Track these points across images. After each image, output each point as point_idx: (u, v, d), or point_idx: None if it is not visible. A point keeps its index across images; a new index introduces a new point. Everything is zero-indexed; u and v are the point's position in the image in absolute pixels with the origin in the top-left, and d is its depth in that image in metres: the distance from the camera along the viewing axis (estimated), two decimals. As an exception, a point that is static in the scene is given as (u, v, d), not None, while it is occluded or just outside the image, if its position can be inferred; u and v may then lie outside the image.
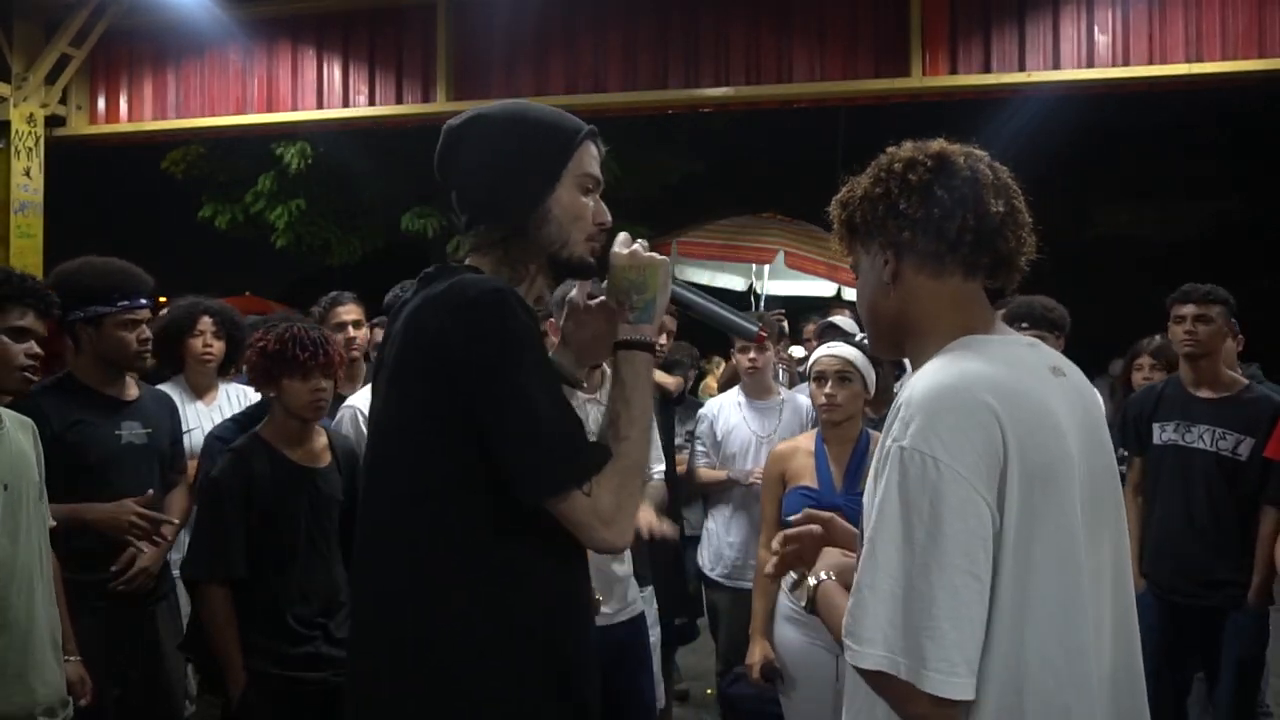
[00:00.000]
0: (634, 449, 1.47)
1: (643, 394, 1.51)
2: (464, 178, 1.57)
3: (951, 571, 1.17)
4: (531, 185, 1.54)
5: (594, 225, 1.59)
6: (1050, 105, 6.58)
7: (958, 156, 1.36)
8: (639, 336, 1.54)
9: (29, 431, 2.34)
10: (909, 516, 1.19)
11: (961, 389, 1.23)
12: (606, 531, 1.42)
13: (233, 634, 2.55)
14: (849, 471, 2.89)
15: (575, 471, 1.40)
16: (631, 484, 1.46)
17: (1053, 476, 1.23)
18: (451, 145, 1.58)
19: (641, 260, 1.55)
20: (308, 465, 2.68)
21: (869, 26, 5.94)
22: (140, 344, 2.86)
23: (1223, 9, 5.41)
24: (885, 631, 1.18)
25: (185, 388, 3.71)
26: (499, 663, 1.43)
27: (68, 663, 2.42)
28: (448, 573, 1.43)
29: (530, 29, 6.35)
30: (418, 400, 1.44)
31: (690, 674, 4.92)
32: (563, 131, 1.57)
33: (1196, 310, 3.41)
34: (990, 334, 1.36)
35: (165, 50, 7.01)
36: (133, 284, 2.87)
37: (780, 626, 2.91)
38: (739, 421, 3.86)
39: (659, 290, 1.55)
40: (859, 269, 1.46)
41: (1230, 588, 3.32)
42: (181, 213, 11.42)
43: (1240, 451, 3.33)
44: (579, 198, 1.57)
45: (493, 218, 1.56)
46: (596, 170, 1.59)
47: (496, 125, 1.56)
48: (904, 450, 1.21)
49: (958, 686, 1.16)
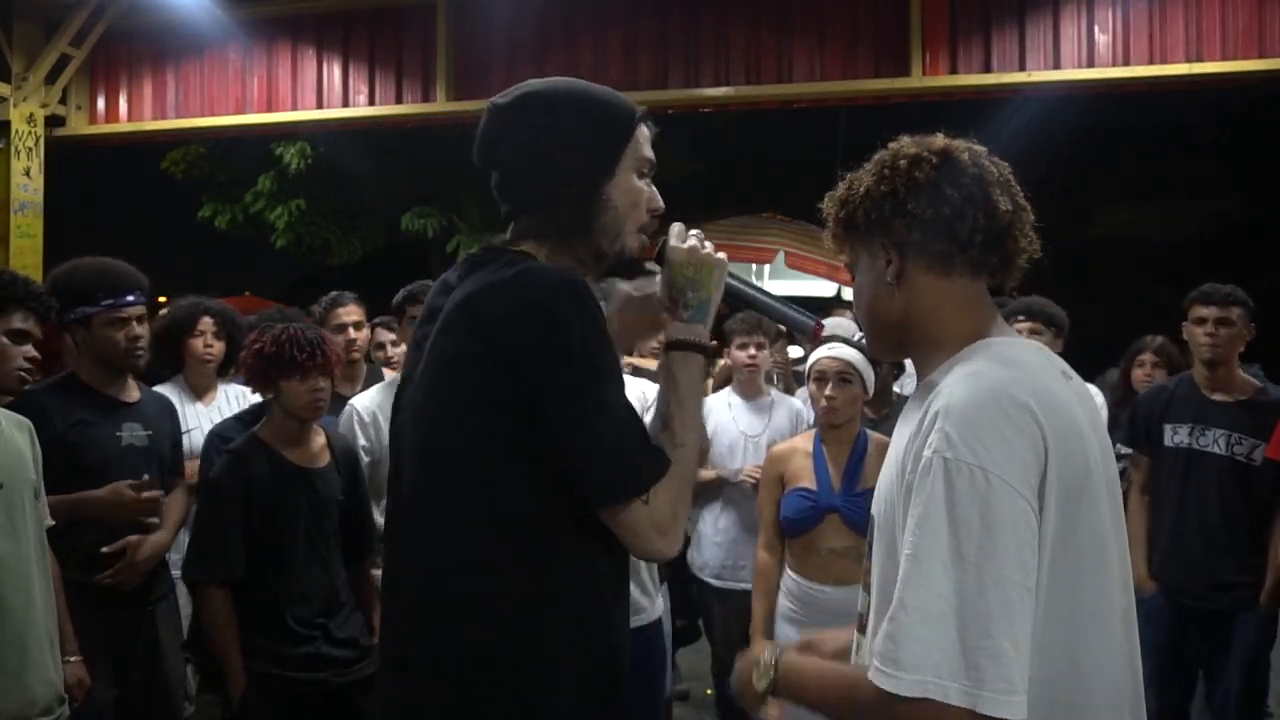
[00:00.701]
0: (690, 455, 1.41)
1: (697, 398, 1.46)
2: (514, 160, 1.46)
3: (1008, 586, 1.11)
4: (594, 169, 1.44)
5: (648, 213, 1.50)
6: (1050, 105, 6.59)
7: (962, 152, 1.32)
8: (693, 338, 1.47)
9: (26, 431, 2.34)
10: (958, 531, 1.12)
11: (1003, 396, 1.19)
12: (660, 541, 1.36)
13: (232, 634, 2.55)
14: (847, 472, 2.89)
15: (640, 481, 1.34)
16: (686, 492, 1.40)
17: (1085, 482, 1.21)
18: (501, 125, 1.47)
19: (699, 257, 1.48)
20: (306, 466, 2.68)
21: (869, 26, 5.94)
22: (129, 341, 2.83)
23: (1223, 9, 5.41)
24: (934, 656, 1.11)
25: (185, 388, 3.70)
26: (561, 657, 1.37)
27: (68, 663, 2.42)
28: (508, 562, 1.36)
29: (530, 29, 6.35)
30: (477, 389, 1.34)
31: (690, 674, 4.92)
32: (623, 111, 1.47)
33: (1219, 313, 3.31)
34: (1001, 335, 1.34)
35: (165, 50, 7.01)
36: (118, 282, 2.85)
37: (780, 626, 2.91)
38: (728, 420, 3.85)
39: (714, 289, 1.49)
40: (856, 268, 1.41)
41: (1241, 590, 3.29)
42: (181, 213, 11.43)
43: (1255, 456, 3.27)
44: (636, 182, 1.48)
45: (547, 204, 1.45)
46: (651, 153, 1.50)
47: (554, 104, 1.46)
48: (948, 461, 1.15)
49: (1015, 705, 1.10)
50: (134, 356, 2.87)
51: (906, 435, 1.31)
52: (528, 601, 1.36)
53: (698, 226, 1.58)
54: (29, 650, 2.19)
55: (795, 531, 2.89)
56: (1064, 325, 3.67)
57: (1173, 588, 3.43)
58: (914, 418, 1.29)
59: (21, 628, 2.18)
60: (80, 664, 2.48)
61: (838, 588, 2.79)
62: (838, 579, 2.81)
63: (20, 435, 2.32)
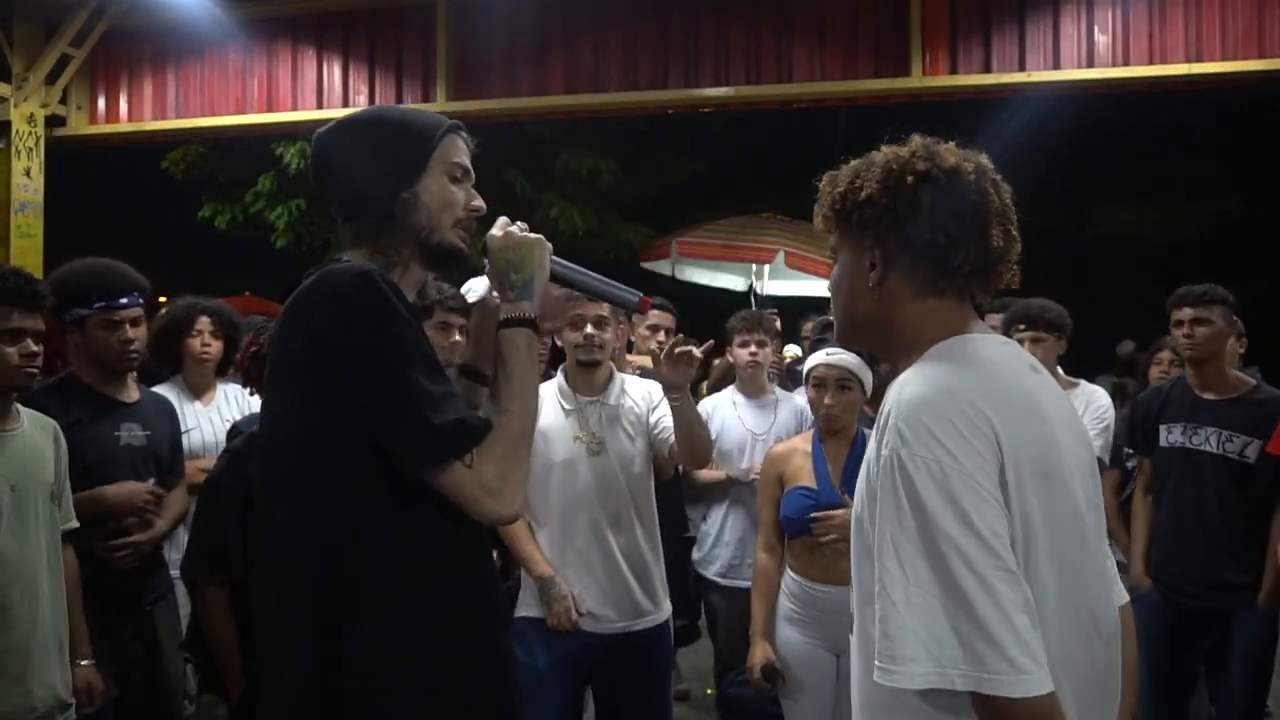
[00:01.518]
0: (515, 421, 1.50)
1: (524, 369, 1.55)
2: (337, 178, 1.62)
3: (984, 570, 1.13)
4: (393, 177, 1.57)
5: (465, 211, 1.63)
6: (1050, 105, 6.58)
7: (969, 175, 1.33)
8: (519, 314, 1.59)
9: (49, 432, 2.33)
10: (927, 524, 1.16)
11: (949, 393, 1.22)
12: (492, 502, 1.44)
13: (232, 635, 2.55)
14: (846, 471, 2.89)
15: (453, 444, 1.42)
16: (516, 455, 1.48)
17: (1050, 469, 1.23)
18: (319, 152, 1.63)
19: (516, 240, 1.61)
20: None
21: (869, 26, 5.94)
22: (122, 344, 2.82)
23: (1223, 9, 5.41)
24: (930, 646, 1.13)
25: (183, 388, 3.70)
26: (414, 644, 1.44)
27: (80, 666, 2.41)
28: (355, 559, 1.43)
29: (530, 29, 6.36)
30: (307, 394, 1.45)
31: (690, 674, 4.92)
32: (424, 125, 1.61)
33: (1194, 313, 3.36)
34: (969, 333, 1.35)
35: (165, 50, 7.01)
36: (112, 284, 2.84)
37: (781, 627, 2.91)
38: (733, 420, 3.86)
39: (537, 268, 1.60)
40: (838, 253, 1.44)
41: (1239, 589, 3.29)
42: (181, 213, 11.41)
43: (1248, 454, 3.29)
44: (448, 186, 1.61)
45: (365, 212, 1.59)
46: (465, 160, 1.64)
47: (363, 126, 1.62)
48: (905, 458, 1.18)
49: (1023, 683, 1.11)
50: (127, 359, 2.86)
51: (873, 435, 1.32)
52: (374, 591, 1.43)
53: (698, 226, 1.62)
54: (33, 655, 2.18)
55: (796, 531, 2.89)
56: (1066, 327, 3.68)
57: (1170, 587, 3.44)
58: (879, 418, 1.31)
59: (28, 631, 2.17)
60: (92, 668, 2.48)
61: (839, 587, 2.79)
62: (839, 579, 2.81)
63: (43, 436, 2.31)
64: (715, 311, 5.01)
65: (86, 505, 2.60)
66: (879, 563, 1.19)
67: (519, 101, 6.46)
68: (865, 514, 1.29)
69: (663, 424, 2.88)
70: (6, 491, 2.19)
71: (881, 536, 1.20)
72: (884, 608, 1.17)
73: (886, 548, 1.18)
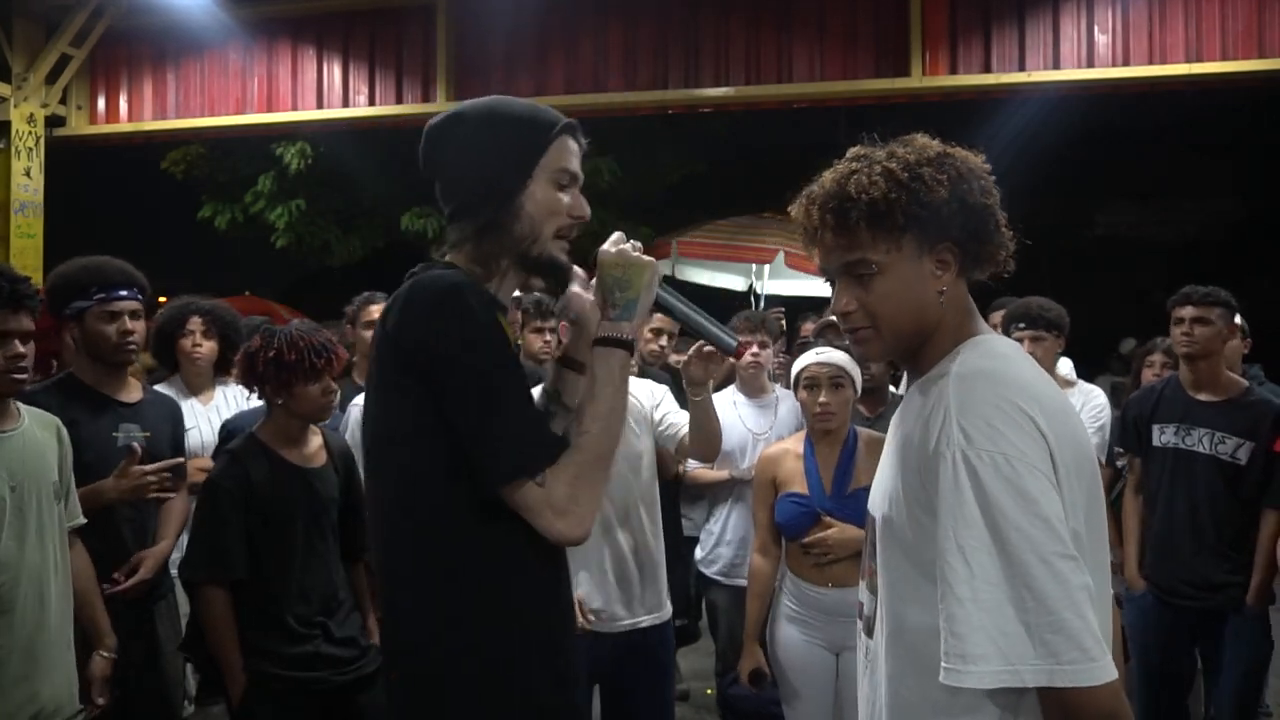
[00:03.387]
0: (594, 443, 1.48)
1: (613, 390, 1.52)
2: (444, 174, 1.59)
3: (1053, 559, 1.13)
4: (504, 180, 1.54)
5: (569, 219, 1.59)
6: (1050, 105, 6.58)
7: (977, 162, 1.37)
8: (617, 334, 1.55)
9: (52, 429, 2.31)
10: (993, 517, 1.15)
11: (1004, 387, 1.23)
12: (560, 522, 1.43)
13: (232, 635, 2.55)
14: (838, 474, 2.90)
15: (527, 462, 1.42)
16: (589, 476, 1.47)
17: (1083, 470, 1.24)
18: (433, 143, 1.60)
19: (628, 259, 1.57)
20: (305, 465, 2.68)
21: (869, 26, 5.94)
22: (120, 336, 2.83)
23: (1223, 9, 5.42)
24: (1000, 642, 1.13)
25: (181, 388, 3.70)
26: (490, 646, 1.46)
27: (102, 657, 2.42)
28: (440, 560, 1.47)
29: (530, 29, 6.36)
30: (392, 394, 1.48)
31: (690, 674, 4.92)
32: (538, 125, 1.57)
33: (1195, 312, 3.38)
34: (982, 331, 1.37)
35: (165, 50, 7.01)
36: (110, 277, 2.85)
37: (781, 626, 2.91)
38: (734, 419, 3.86)
39: (643, 290, 1.56)
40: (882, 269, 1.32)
41: (1231, 590, 3.30)
42: (181, 213, 11.41)
43: (1240, 455, 3.30)
44: (553, 193, 1.57)
45: (468, 214, 1.57)
46: (574, 165, 1.59)
47: (472, 122, 1.58)
48: (971, 454, 1.18)
49: (1095, 670, 1.11)
50: (125, 351, 2.86)
51: (907, 433, 1.31)
52: (456, 594, 1.46)
53: (698, 226, 1.62)
54: (39, 655, 2.16)
55: (790, 536, 2.90)
56: (1064, 326, 3.69)
57: (1163, 587, 3.45)
58: (914, 415, 1.29)
59: (32, 633, 2.15)
60: (109, 662, 2.47)
61: (838, 589, 2.81)
62: (835, 581, 2.82)
63: (46, 434, 2.29)
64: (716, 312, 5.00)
65: (85, 502, 2.59)
66: (943, 560, 1.18)
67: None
68: (898, 514, 1.28)
69: (668, 420, 2.89)
70: (6, 492, 2.17)
71: (944, 535, 1.19)
72: (950, 606, 1.16)
73: (950, 545, 1.18)
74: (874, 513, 1.37)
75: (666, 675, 2.99)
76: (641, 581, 2.83)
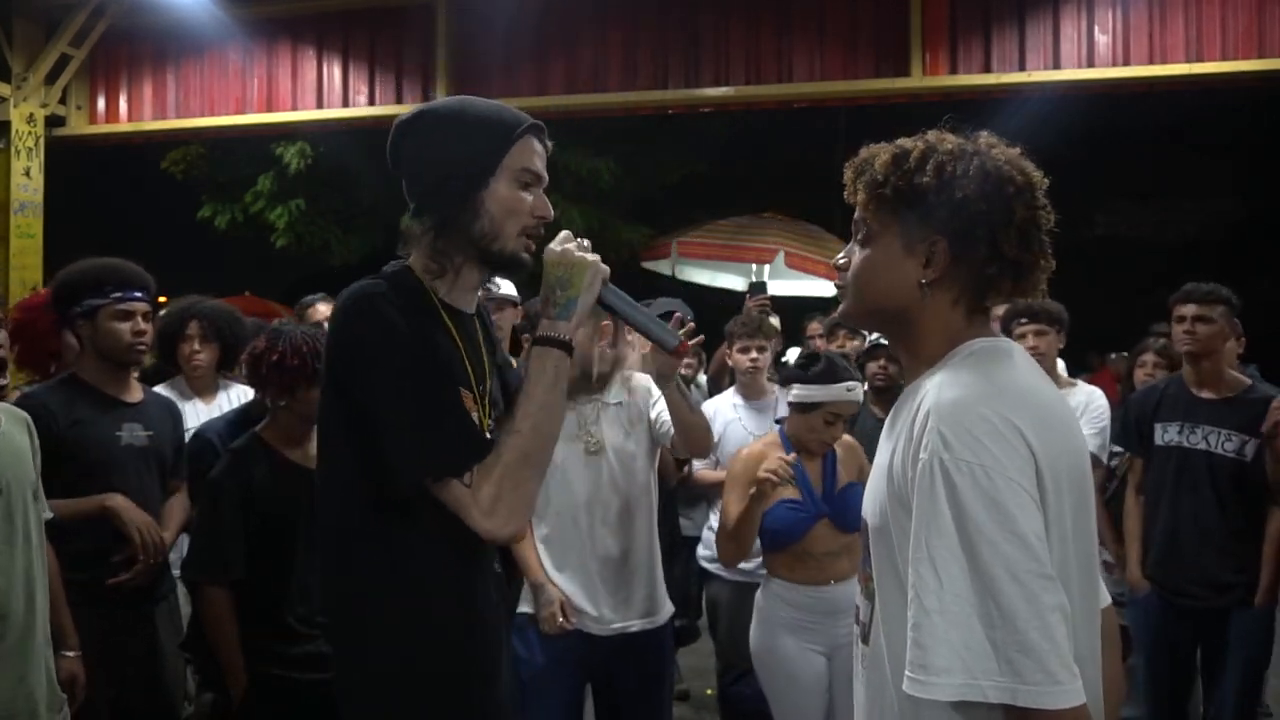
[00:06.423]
0: (523, 442, 1.49)
1: (546, 390, 1.53)
2: (407, 171, 1.61)
3: (1025, 577, 1.10)
4: (464, 179, 1.55)
5: (532, 219, 1.60)
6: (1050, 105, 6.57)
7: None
8: (554, 334, 1.56)
9: (24, 426, 2.31)
10: (968, 530, 1.12)
11: (989, 397, 1.19)
12: (486, 521, 1.46)
13: (233, 634, 2.55)
14: (825, 475, 2.93)
15: (448, 460, 1.46)
16: (515, 475, 1.48)
17: (1077, 476, 1.23)
18: (397, 140, 1.61)
19: (570, 258, 1.57)
20: (306, 465, 2.68)
21: (869, 26, 5.94)
22: (134, 336, 2.85)
23: (1223, 9, 5.42)
24: (964, 656, 1.10)
25: (184, 388, 3.70)
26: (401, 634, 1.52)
27: (65, 657, 2.41)
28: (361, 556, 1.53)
29: (530, 29, 6.36)
30: (328, 400, 1.55)
31: (690, 674, 4.92)
32: (502, 124, 1.58)
33: (1197, 310, 3.37)
34: (983, 335, 1.34)
35: (165, 50, 7.01)
36: (125, 277, 2.87)
37: (781, 637, 2.90)
38: (734, 422, 3.87)
39: (583, 290, 1.57)
40: (870, 235, 1.35)
41: (1236, 589, 3.30)
42: (181, 213, 11.41)
43: (1245, 453, 3.29)
44: (516, 191, 1.58)
45: (429, 209, 1.59)
46: (537, 165, 1.60)
47: (438, 118, 1.59)
48: (949, 462, 1.14)
49: (1059, 694, 1.08)
50: (136, 351, 2.88)
51: (895, 436, 1.30)
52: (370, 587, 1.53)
53: (698, 227, 1.62)
54: (32, 653, 2.17)
55: (786, 542, 2.88)
56: (1065, 321, 3.71)
57: (1167, 587, 3.43)
58: (903, 418, 1.29)
59: (24, 632, 2.15)
60: (77, 659, 2.47)
61: (832, 586, 2.83)
62: (835, 576, 2.84)
63: (19, 432, 2.28)
64: (715, 311, 5.01)
65: (94, 509, 2.59)
66: (913, 569, 1.15)
67: (519, 101, 6.42)
68: (885, 522, 1.26)
69: (663, 419, 2.87)
70: None
71: (917, 543, 1.16)
72: (917, 615, 1.14)
73: (921, 554, 1.15)
74: (867, 519, 1.37)
75: (660, 680, 2.91)
76: (633, 584, 2.78)
